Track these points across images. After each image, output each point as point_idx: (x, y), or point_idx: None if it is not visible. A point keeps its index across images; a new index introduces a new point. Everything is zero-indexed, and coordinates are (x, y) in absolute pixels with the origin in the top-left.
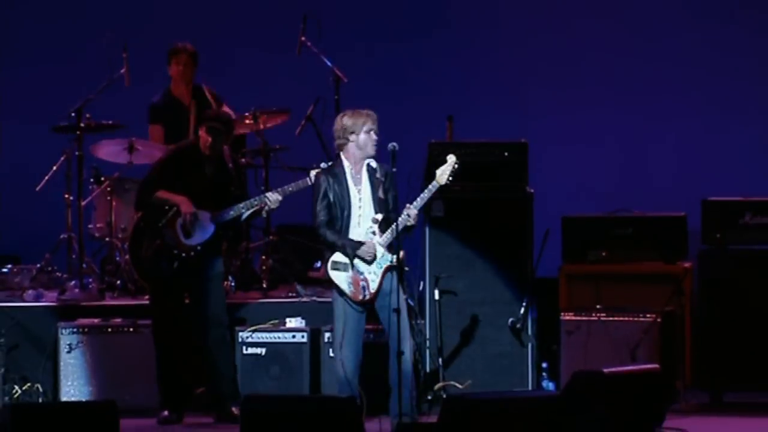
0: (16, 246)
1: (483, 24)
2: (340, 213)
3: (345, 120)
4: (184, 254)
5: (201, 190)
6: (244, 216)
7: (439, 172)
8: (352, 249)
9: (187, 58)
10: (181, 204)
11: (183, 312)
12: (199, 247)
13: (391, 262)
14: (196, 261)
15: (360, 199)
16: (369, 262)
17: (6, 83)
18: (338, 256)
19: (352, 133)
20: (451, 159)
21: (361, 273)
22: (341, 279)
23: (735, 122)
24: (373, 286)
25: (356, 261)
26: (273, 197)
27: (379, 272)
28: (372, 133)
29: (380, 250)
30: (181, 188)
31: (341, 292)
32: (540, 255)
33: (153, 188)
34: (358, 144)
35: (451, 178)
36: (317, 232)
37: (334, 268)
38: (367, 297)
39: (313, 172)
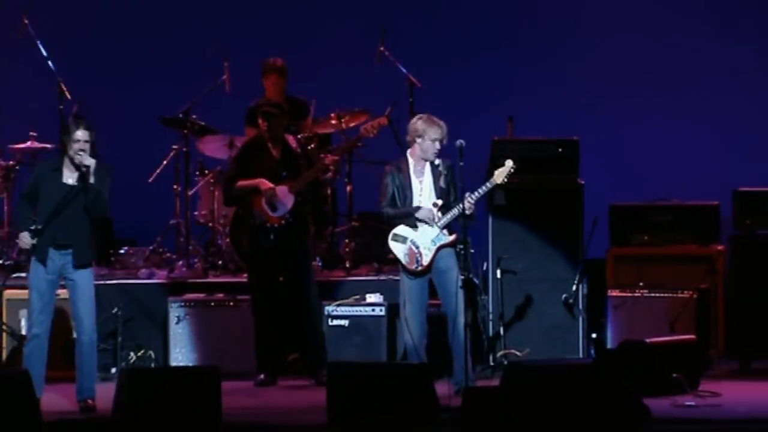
0: (132, 231)
1: (538, 38)
2: (402, 201)
3: (419, 124)
4: (276, 225)
5: (273, 170)
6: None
7: (497, 172)
8: (413, 212)
9: (277, 74)
10: (260, 184)
11: (278, 288)
12: (287, 215)
13: (446, 241)
14: (288, 231)
15: (421, 189)
16: (428, 224)
17: (122, 87)
18: (399, 230)
19: (420, 137)
20: (509, 163)
21: (417, 247)
22: (399, 249)
23: (765, 118)
24: (426, 260)
25: (414, 235)
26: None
27: (433, 248)
28: (437, 143)
29: (436, 230)
30: (257, 173)
31: (398, 261)
32: (590, 239)
33: (233, 181)
34: (422, 147)
35: (506, 180)
36: (383, 214)
37: (393, 240)
38: (419, 268)
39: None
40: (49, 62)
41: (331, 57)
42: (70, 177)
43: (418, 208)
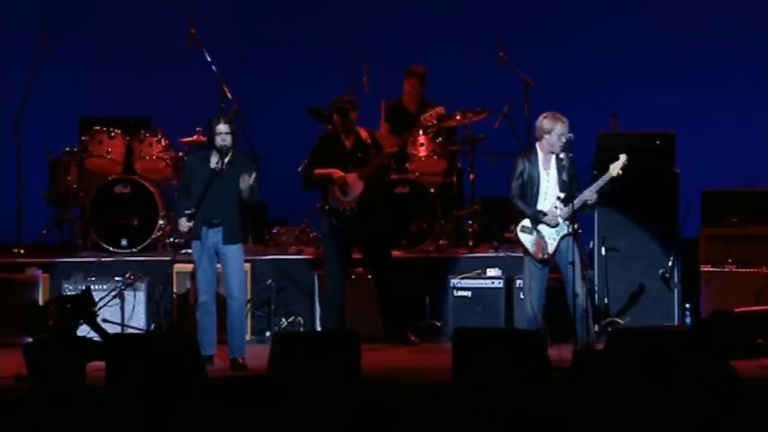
0: (284, 213)
1: (639, 41)
2: (530, 189)
3: (545, 121)
4: (348, 207)
5: (346, 159)
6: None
7: (612, 166)
8: (539, 216)
9: (417, 79)
10: (332, 173)
11: (352, 262)
12: (357, 199)
13: (568, 231)
14: (359, 213)
15: (548, 180)
16: (552, 227)
17: (275, 88)
18: (527, 222)
19: (548, 133)
20: (623, 157)
21: (543, 237)
22: (527, 240)
23: None
24: (551, 248)
25: (540, 226)
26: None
27: (557, 238)
28: (562, 137)
29: (560, 221)
30: (331, 162)
31: (525, 251)
32: (684, 220)
33: (310, 170)
34: (549, 142)
35: (620, 172)
36: (511, 202)
37: (522, 231)
38: (545, 257)
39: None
40: (213, 67)
41: (461, 61)
42: (215, 163)
43: (544, 213)
